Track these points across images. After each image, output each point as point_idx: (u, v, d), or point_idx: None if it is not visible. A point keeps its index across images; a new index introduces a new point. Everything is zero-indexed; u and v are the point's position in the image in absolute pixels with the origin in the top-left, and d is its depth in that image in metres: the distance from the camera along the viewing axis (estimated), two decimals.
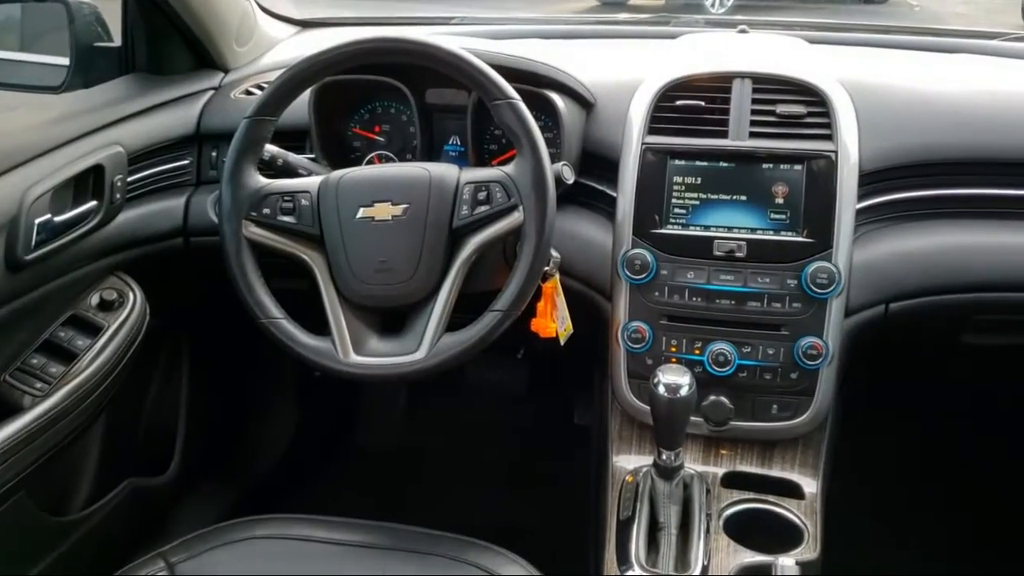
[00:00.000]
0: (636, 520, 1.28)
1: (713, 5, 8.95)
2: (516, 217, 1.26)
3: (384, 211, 1.29)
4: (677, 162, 1.41)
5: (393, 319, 1.32)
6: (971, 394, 1.99)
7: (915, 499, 2.08)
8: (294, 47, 1.96)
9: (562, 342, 1.40)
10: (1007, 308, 1.42)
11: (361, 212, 1.29)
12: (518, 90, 1.29)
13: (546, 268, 1.34)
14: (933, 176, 1.45)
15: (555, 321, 1.38)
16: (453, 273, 1.27)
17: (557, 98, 1.47)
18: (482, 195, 1.27)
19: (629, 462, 1.45)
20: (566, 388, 2.04)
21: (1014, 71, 1.72)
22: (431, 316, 1.26)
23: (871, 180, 1.42)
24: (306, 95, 1.49)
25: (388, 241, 1.28)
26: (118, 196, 1.48)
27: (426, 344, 1.25)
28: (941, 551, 1.95)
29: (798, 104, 1.41)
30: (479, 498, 2.11)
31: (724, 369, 1.37)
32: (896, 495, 2.07)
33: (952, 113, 1.47)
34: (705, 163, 1.41)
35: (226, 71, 1.82)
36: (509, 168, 1.28)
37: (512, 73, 1.37)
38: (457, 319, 1.28)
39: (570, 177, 1.36)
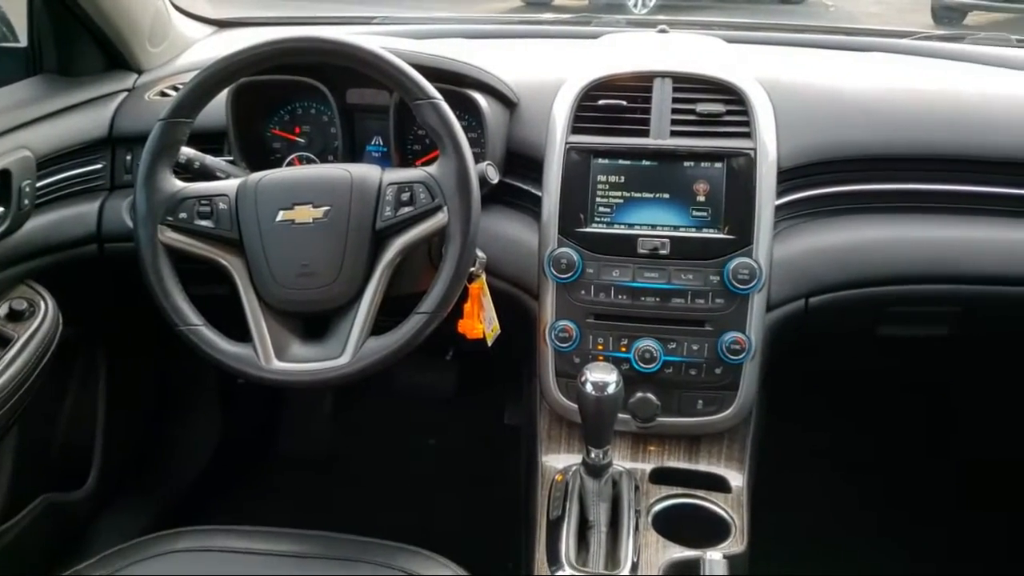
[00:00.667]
0: (566, 519, 1.29)
1: (636, 6, 9.07)
2: (440, 218, 1.25)
3: (305, 214, 1.26)
4: (600, 161, 1.42)
5: (316, 324, 1.29)
6: (890, 385, 2.05)
7: (841, 490, 2.13)
8: (211, 47, 1.91)
9: (489, 343, 1.40)
10: (920, 300, 1.46)
11: (281, 215, 1.26)
12: (440, 90, 1.29)
13: (472, 269, 1.33)
14: (848, 172, 1.49)
15: (482, 322, 1.37)
16: (377, 276, 1.25)
17: (480, 98, 1.46)
18: (405, 196, 1.26)
19: (559, 461, 1.46)
20: (496, 388, 2.04)
21: (924, 69, 1.77)
22: (355, 320, 1.24)
23: (789, 177, 1.45)
24: (223, 96, 1.46)
25: (309, 244, 1.26)
26: (26, 202, 1.42)
27: (350, 349, 1.23)
28: (867, 541, 2.00)
29: (717, 103, 1.43)
30: (409, 502, 2.09)
31: (650, 366, 1.39)
32: (823, 487, 2.12)
33: (865, 111, 1.51)
34: (628, 162, 1.42)
35: (140, 72, 1.77)
36: (432, 168, 1.27)
37: (434, 73, 1.36)
38: (382, 322, 1.27)
39: (494, 177, 1.36)
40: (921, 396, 2.15)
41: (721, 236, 1.38)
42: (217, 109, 1.46)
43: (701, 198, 1.40)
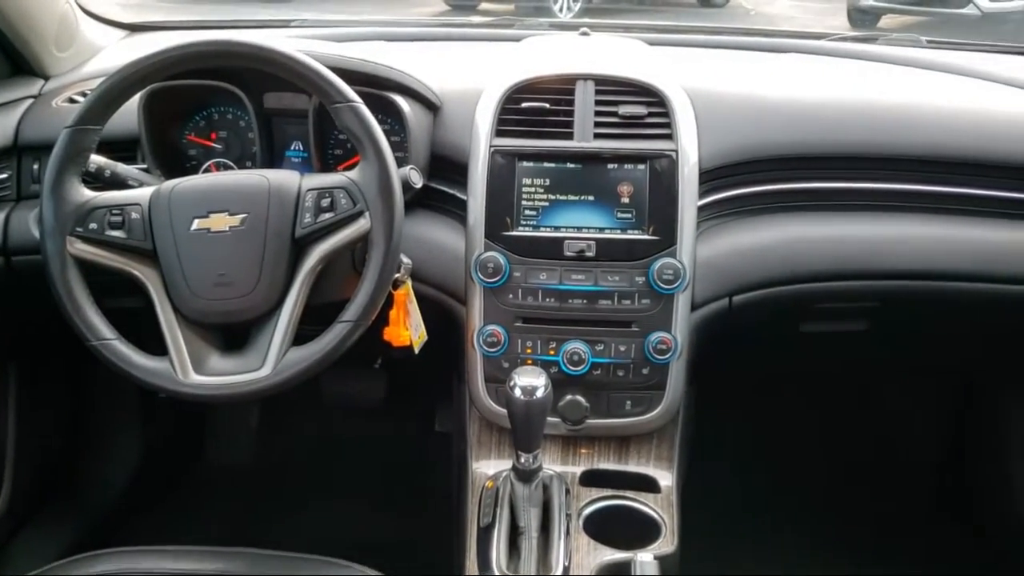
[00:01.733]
0: (496, 526, 1.27)
1: (561, 9, 9.12)
2: (362, 224, 1.22)
3: (221, 222, 1.23)
4: (525, 164, 1.42)
5: (236, 335, 1.26)
6: (814, 380, 2.09)
7: (771, 486, 2.17)
8: (122, 52, 1.85)
9: (416, 350, 1.38)
10: (839, 296, 1.49)
11: (196, 224, 1.23)
12: (360, 93, 1.27)
13: (397, 275, 1.32)
14: (768, 172, 1.51)
15: (408, 329, 1.35)
16: (298, 284, 1.23)
17: (402, 101, 1.44)
18: (325, 202, 1.23)
19: (489, 467, 1.45)
20: (427, 396, 2.02)
21: (838, 70, 1.82)
22: (276, 330, 1.21)
23: (711, 177, 1.46)
24: (135, 102, 1.41)
25: (226, 253, 1.22)
26: None
27: (271, 360, 1.20)
28: (797, 538, 2.03)
29: (639, 105, 1.43)
30: (340, 514, 2.06)
31: (579, 368, 1.39)
32: (753, 483, 2.15)
33: (782, 111, 1.54)
34: (553, 164, 1.42)
35: (46, 78, 1.70)
36: (353, 173, 1.25)
37: (353, 76, 1.34)
38: (306, 332, 1.24)
39: (418, 181, 1.34)
40: (844, 391, 2.20)
41: (646, 237, 1.39)
42: (129, 115, 1.41)
43: (625, 200, 1.41)
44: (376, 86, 1.43)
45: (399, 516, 2.02)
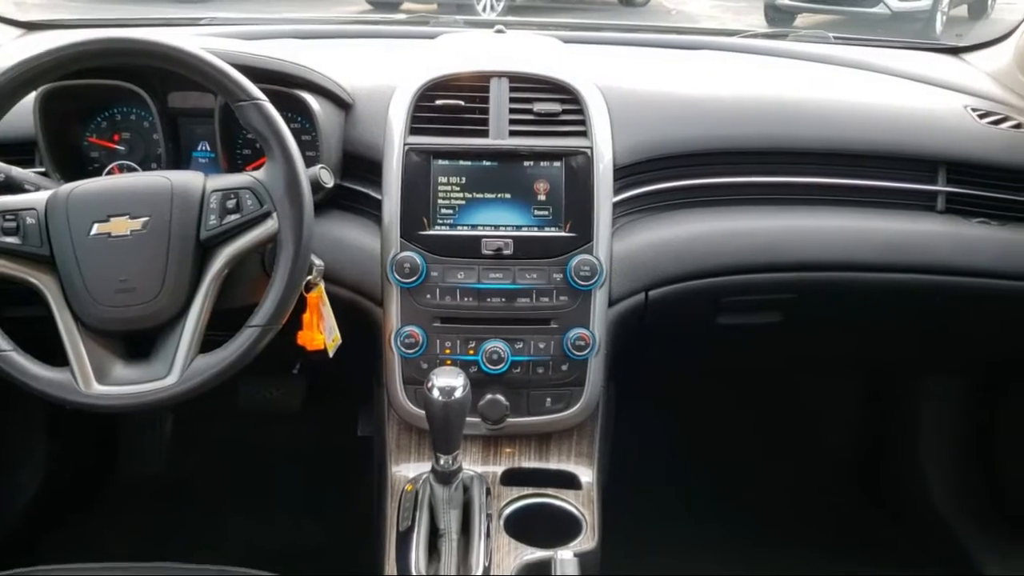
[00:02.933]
0: (416, 529, 1.26)
1: (484, 8, 9.11)
2: (270, 225, 1.20)
3: (121, 226, 1.18)
4: (441, 162, 1.40)
5: (141, 343, 1.22)
6: (733, 373, 2.13)
7: (692, 480, 2.19)
8: (16, 51, 1.77)
9: (331, 353, 1.35)
10: (752, 289, 1.51)
11: (96, 228, 1.18)
12: (267, 91, 1.24)
13: (309, 277, 1.28)
14: (682, 167, 1.52)
15: (322, 332, 1.32)
16: (204, 289, 1.19)
17: (311, 99, 1.41)
18: (231, 203, 1.20)
19: (409, 470, 1.43)
20: (348, 399, 1.98)
21: (750, 66, 1.85)
22: (182, 337, 1.18)
23: (625, 174, 1.47)
24: (30, 102, 1.35)
25: (128, 258, 1.18)
26: None
27: (178, 367, 1.16)
28: (719, 530, 2.06)
29: (554, 102, 1.43)
30: (261, 522, 2.01)
31: (498, 367, 1.38)
32: (675, 477, 2.17)
33: (695, 108, 1.56)
34: (468, 162, 1.40)
35: None
36: (259, 173, 1.22)
37: (260, 73, 1.31)
38: (215, 338, 1.21)
39: (329, 180, 1.31)
40: (764, 384, 2.24)
41: (562, 234, 1.39)
42: (26, 116, 1.35)
43: (542, 197, 1.40)
44: (284, 84, 1.40)
45: (321, 523, 1.99)
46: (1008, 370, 1.90)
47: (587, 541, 1.33)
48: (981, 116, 1.62)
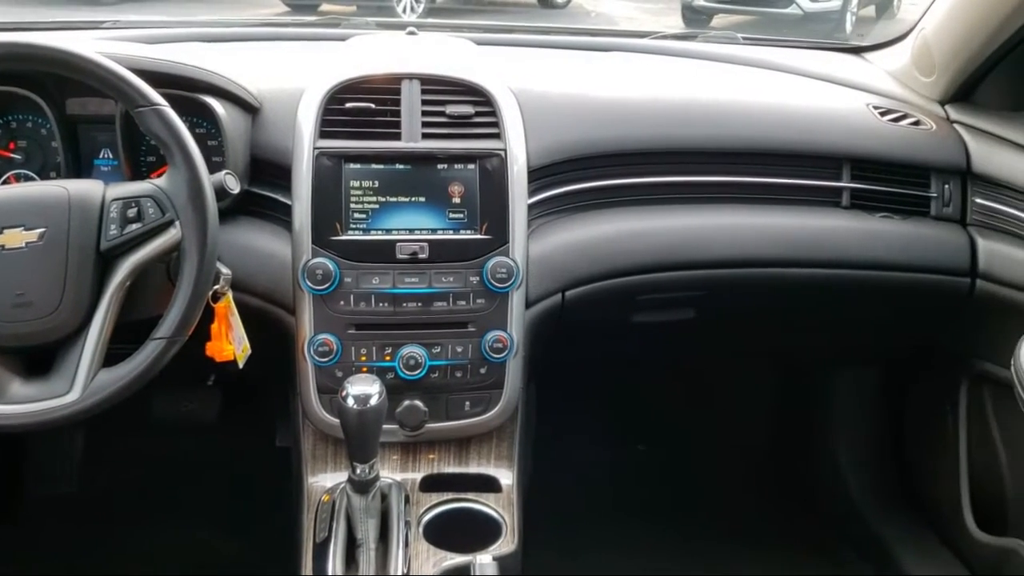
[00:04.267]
0: (332, 540, 1.23)
1: (404, 10, 9.05)
2: (173, 234, 1.16)
3: (15, 238, 1.14)
4: (352, 166, 1.38)
5: (40, 359, 1.17)
6: (652, 370, 2.15)
7: (616, 480, 2.20)
8: None
9: (240, 364, 1.32)
10: (665, 287, 1.53)
11: None
12: (170, 96, 1.21)
13: (216, 287, 1.25)
14: (595, 168, 1.53)
15: (231, 343, 1.29)
16: (106, 301, 1.15)
17: (216, 103, 1.38)
18: (132, 212, 1.16)
19: (326, 480, 1.40)
20: (265, 410, 1.94)
21: (661, 67, 1.87)
22: (83, 352, 1.14)
23: (540, 176, 1.47)
24: None
25: (24, 271, 1.14)
26: None
27: (79, 383, 1.12)
28: (642, 529, 2.07)
29: (466, 104, 1.43)
30: (179, 538, 1.95)
31: (416, 372, 1.36)
32: (599, 478, 2.19)
33: (606, 109, 1.57)
34: (381, 166, 1.39)
35: None
36: (161, 181, 1.18)
37: (161, 78, 1.28)
38: (120, 351, 1.16)
39: (235, 186, 1.28)
40: (683, 380, 2.27)
41: (478, 237, 1.39)
42: None
43: (457, 200, 1.39)
44: (186, 88, 1.36)
45: (240, 535, 1.94)
46: (916, 358, 1.96)
47: (507, 544, 1.32)
48: (882, 114, 1.67)
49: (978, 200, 1.61)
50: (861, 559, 2.02)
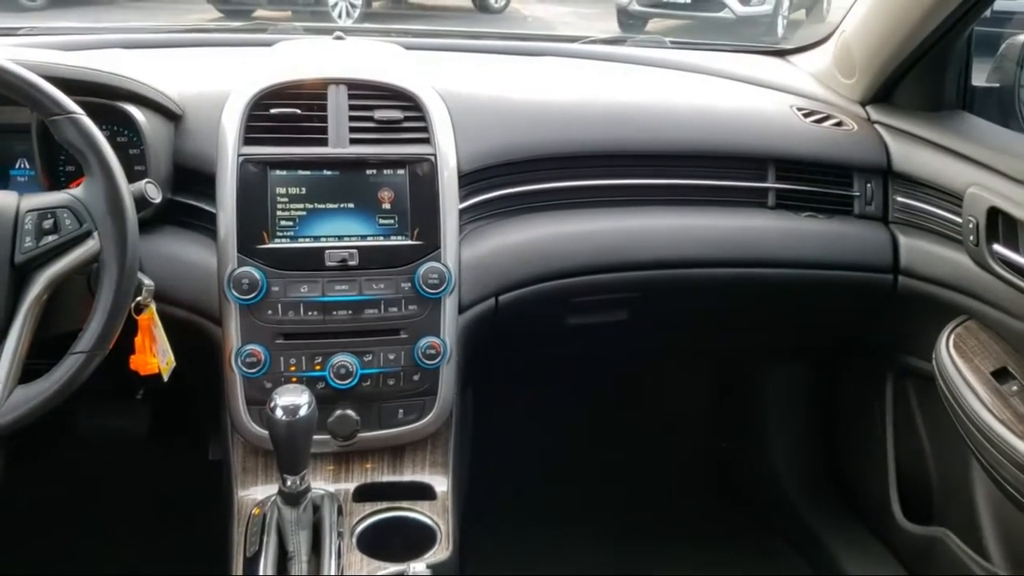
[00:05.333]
0: (263, 553, 1.21)
1: (340, 15, 8.98)
2: (91, 245, 1.13)
3: None
4: (278, 173, 1.36)
5: None
6: (588, 373, 2.16)
7: (556, 484, 2.21)
8: None
9: (165, 377, 1.29)
10: (598, 289, 1.54)
11: None
12: (88, 104, 1.18)
13: (139, 298, 1.22)
14: (526, 172, 1.54)
15: (156, 355, 1.26)
16: (22, 315, 1.12)
17: (135, 111, 1.35)
18: (48, 223, 1.13)
19: (257, 493, 1.38)
20: (197, 423, 1.90)
21: (590, 71, 1.88)
22: None
23: (471, 180, 1.47)
24: None
25: None
26: None
27: None
28: (581, 532, 2.08)
29: (394, 109, 1.42)
30: (109, 556, 1.90)
31: (347, 381, 1.35)
32: (539, 482, 2.19)
33: (537, 113, 1.58)
34: (308, 172, 1.37)
35: None
36: (78, 191, 1.15)
37: (77, 85, 1.25)
38: (39, 367, 1.13)
39: (156, 195, 1.25)
40: (619, 381, 2.29)
41: (409, 242, 1.38)
42: None
43: (387, 206, 1.38)
44: (104, 96, 1.33)
45: (172, 551, 1.90)
46: (844, 354, 2.01)
47: (442, 551, 1.31)
48: (806, 115, 1.71)
49: (899, 198, 1.65)
50: (795, 552, 2.06)
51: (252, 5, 8.79)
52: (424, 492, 1.40)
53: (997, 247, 1.41)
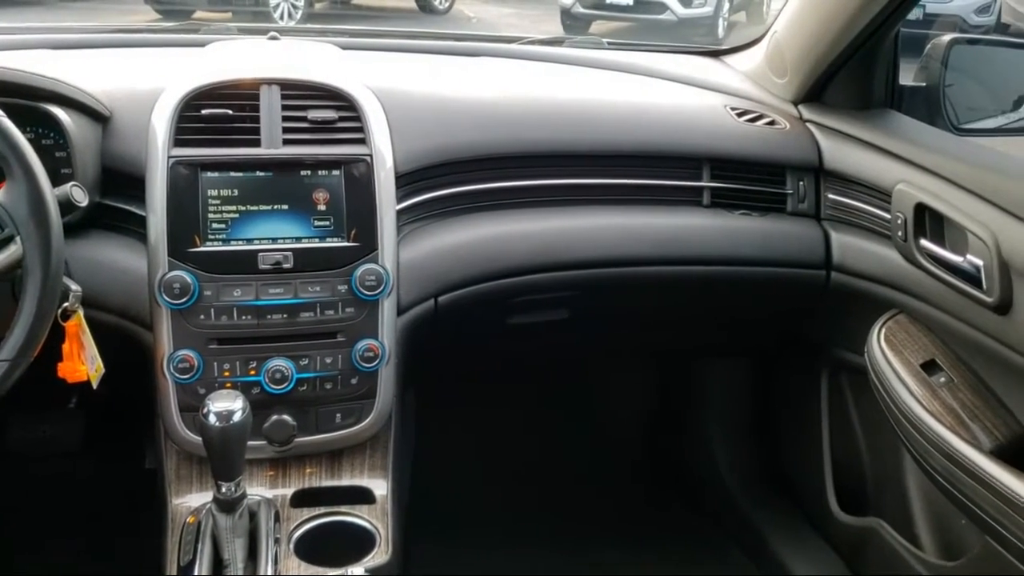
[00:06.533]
0: (197, 562, 1.19)
1: (282, 17, 8.88)
2: (14, 250, 1.10)
3: None
4: (210, 175, 1.34)
5: None
6: (531, 371, 2.16)
7: (499, 485, 2.20)
8: None
9: (95, 385, 1.26)
10: (537, 288, 1.55)
11: None
12: (8, 105, 1.15)
13: (65, 304, 1.19)
14: (464, 173, 1.53)
15: (84, 363, 1.23)
16: None
17: (60, 112, 1.32)
18: None
19: (191, 501, 1.35)
20: (133, 431, 1.86)
21: (528, 72, 1.88)
22: None
23: (409, 181, 1.46)
24: None
25: None
26: None
27: None
28: (528, 531, 2.08)
29: (329, 109, 1.41)
30: (43, 567, 1.85)
31: (283, 386, 1.33)
32: (482, 482, 2.18)
33: (474, 113, 1.57)
34: (241, 174, 1.35)
35: None
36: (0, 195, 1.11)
37: None
38: None
39: (83, 199, 1.22)
40: (563, 381, 2.30)
41: (346, 244, 1.36)
42: None
43: (322, 207, 1.37)
44: (27, 97, 1.30)
45: (107, 562, 1.85)
46: (781, 349, 2.04)
47: (381, 555, 1.30)
48: (739, 115, 1.73)
49: (830, 195, 1.68)
50: (736, 546, 2.09)
51: (191, 6, 8.65)
52: (363, 496, 1.39)
53: (924, 242, 1.44)
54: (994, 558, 1.27)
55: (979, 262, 1.32)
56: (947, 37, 1.69)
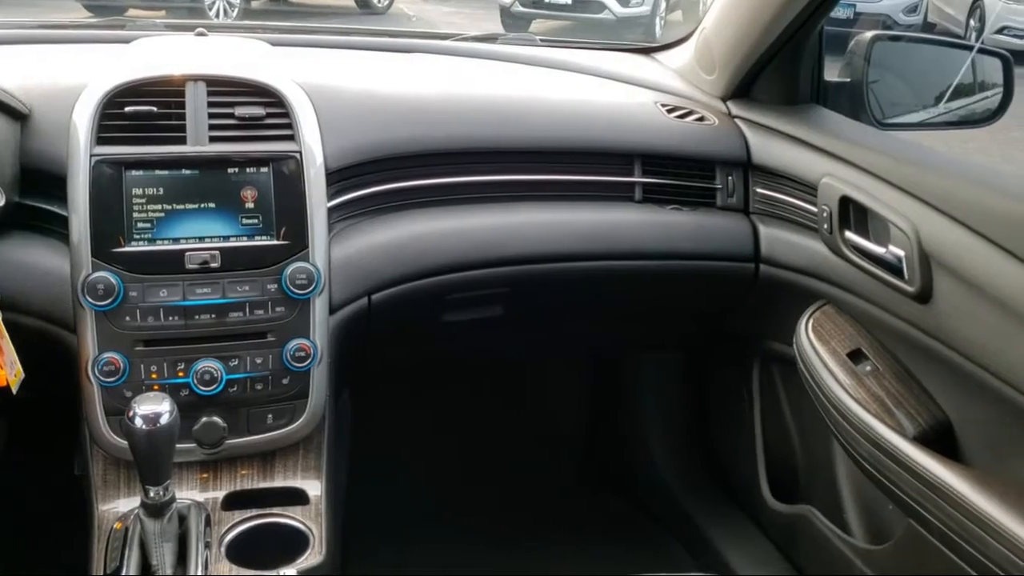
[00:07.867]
0: (124, 568, 1.17)
1: (217, 14, 8.74)
2: None
3: None
4: (134, 173, 1.31)
5: None
6: (469, 368, 2.16)
7: (438, 481, 2.20)
8: None
9: (14, 390, 1.22)
10: (470, 285, 1.55)
11: None
12: None
13: None
14: (396, 169, 1.53)
15: (3, 367, 1.20)
16: None
17: None
18: None
19: (119, 507, 1.32)
20: (61, 437, 1.81)
21: (461, 68, 1.88)
22: None
23: (339, 178, 1.45)
24: None
25: None
26: None
27: None
28: (466, 531, 2.08)
29: (256, 106, 1.39)
30: None
31: (212, 387, 1.31)
32: (421, 481, 2.18)
33: (405, 109, 1.57)
34: (166, 172, 1.32)
35: None
36: None
37: None
38: None
39: None
40: (496, 375, 2.30)
41: (275, 243, 1.35)
42: None
43: (250, 205, 1.35)
44: None
45: (35, 573, 1.80)
46: (714, 342, 2.07)
47: (314, 556, 1.29)
48: (670, 111, 1.75)
49: (758, 189, 1.72)
50: (676, 540, 2.11)
51: (124, 3, 8.45)
52: (296, 497, 1.37)
53: (849, 234, 1.48)
54: (917, 541, 1.31)
55: (901, 253, 1.36)
56: (870, 34, 1.74)
